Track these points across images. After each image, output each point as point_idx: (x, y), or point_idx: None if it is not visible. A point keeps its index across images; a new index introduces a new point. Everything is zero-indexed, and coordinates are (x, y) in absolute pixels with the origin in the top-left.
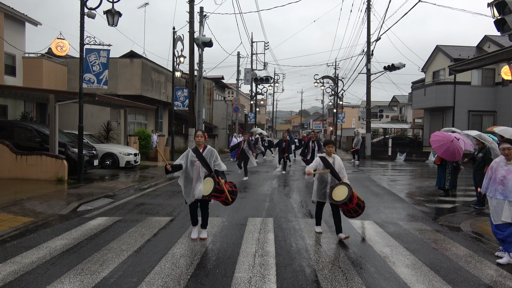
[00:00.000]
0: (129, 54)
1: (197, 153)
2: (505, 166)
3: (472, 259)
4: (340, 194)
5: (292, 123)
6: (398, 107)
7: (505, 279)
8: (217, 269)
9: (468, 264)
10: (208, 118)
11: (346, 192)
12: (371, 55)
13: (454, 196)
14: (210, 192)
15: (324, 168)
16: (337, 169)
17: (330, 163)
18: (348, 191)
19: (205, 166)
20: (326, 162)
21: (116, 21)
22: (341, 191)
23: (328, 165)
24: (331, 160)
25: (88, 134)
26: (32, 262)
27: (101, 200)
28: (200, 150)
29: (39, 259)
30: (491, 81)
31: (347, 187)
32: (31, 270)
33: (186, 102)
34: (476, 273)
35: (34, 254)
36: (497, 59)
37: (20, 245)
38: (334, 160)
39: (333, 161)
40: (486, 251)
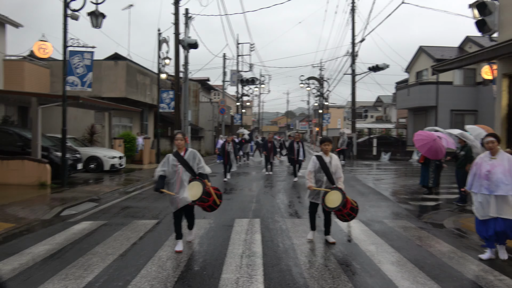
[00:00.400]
0: (113, 56)
1: (178, 157)
2: (490, 160)
3: (455, 255)
4: (333, 200)
5: (278, 124)
6: (383, 107)
7: (487, 274)
8: (204, 270)
9: (451, 260)
10: (194, 120)
11: (339, 198)
12: (355, 56)
13: (437, 193)
14: (199, 196)
15: (320, 169)
16: (334, 169)
17: (326, 163)
18: (341, 197)
19: (189, 170)
20: (322, 161)
21: (100, 23)
22: (335, 197)
23: (324, 165)
24: (328, 159)
25: (72, 138)
26: (14, 269)
27: (85, 204)
28: (182, 154)
29: (22, 265)
30: (472, 81)
31: (341, 193)
32: (13, 276)
33: (171, 104)
34: (459, 269)
35: (16, 260)
36: (478, 59)
37: (2, 252)
38: (331, 159)
39: (330, 160)
40: (469, 247)
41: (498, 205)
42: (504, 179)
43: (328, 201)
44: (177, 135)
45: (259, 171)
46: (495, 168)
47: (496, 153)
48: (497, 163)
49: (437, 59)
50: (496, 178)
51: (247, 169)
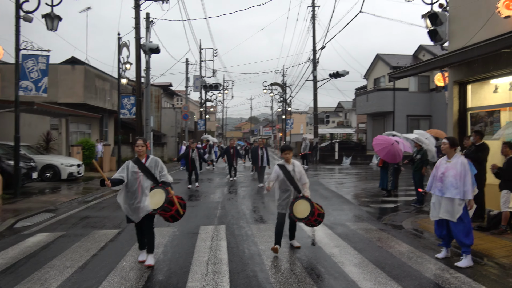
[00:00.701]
0: (70, 60)
1: (139, 164)
2: (445, 163)
3: (414, 254)
4: (302, 210)
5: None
6: (343, 112)
7: (443, 272)
8: (169, 280)
9: (410, 260)
10: (156, 126)
11: (308, 208)
12: (317, 62)
13: (396, 196)
14: (161, 204)
15: (284, 178)
16: (298, 176)
17: (289, 171)
18: (310, 207)
19: (150, 177)
20: (286, 171)
21: (56, 26)
22: (303, 207)
23: (288, 175)
24: (291, 167)
25: (26, 145)
26: None
27: (41, 215)
28: (143, 161)
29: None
30: (427, 87)
31: (309, 202)
32: None
33: (133, 110)
34: (417, 268)
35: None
36: (431, 67)
37: None
38: (294, 167)
39: (293, 168)
40: (426, 247)
41: (445, 207)
42: (454, 182)
43: (297, 212)
44: (138, 141)
45: (223, 177)
46: (448, 171)
47: (451, 156)
48: (450, 166)
49: (393, 67)
50: (448, 181)
51: (211, 175)
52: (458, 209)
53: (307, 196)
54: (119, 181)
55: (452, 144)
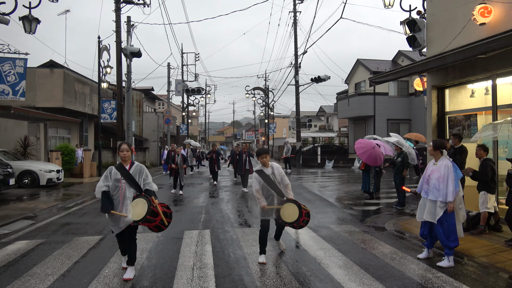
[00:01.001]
0: (48, 63)
1: (123, 170)
2: (432, 166)
3: (397, 255)
4: (290, 213)
5: (224, 134)
6: (325, 116)
7: (426, 272)
8: (154, 285)
9: (393, 261)
10: (138, 131)
11: (296, 210)
12: (299, 67)
13: (378, 198)
14: (144, 215)
15: (264, 183)
16: (278, 179)
17: (268, 176)
18: (298, 209)
19: (134, 185)
20: (264, 175)
21: (34, 28)
22: (290, 210)
23: (267, 179)
24: (269, 170)
25: (2, 151)
26: None
27: (19, 223)
28: (127, 167)
29: None
30: (406, 92)
31: (296, 205)
32: None
33: (114, 114)
34: (400, 268)
35: None
36: (410, 72)
37: None
38: (273, 169)
39: (272, 171)
40: (408, 248)
41: (428, 209)
42: (437, 184)
43: (285, 216)
44: (122, 146)
45: (206, 182)
46: (433, 173)
47: (438, 159)
48: (436, 169)
49: (373, 72)
50: (432, 183)
51: (194, 180)
52: (439, 211)
53: (291, 198)
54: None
55: (436, 147)
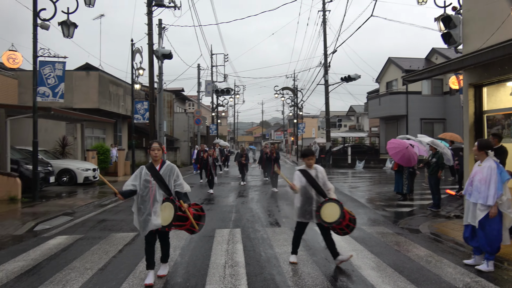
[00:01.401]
0: (84, 66)
1: (153, 170)
2: (477, 167)
3: (432, 258)
4: (330, 213)
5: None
6: (355, 116)
7: (463, 276)
8: (187, 282)
9: (429, 264)
10: (169, 131)
11: (337, 210)
12: (328, 66)
13: (412, 200)
14: (170, 221)
15: (307, 183)
16: (321, 182)
17: (312, 177)
18: (339, 209)
19: (163, 187)
20: (308, 175)
21: (71, 33)
22: (331, 210)
23: (311, 180)
24: (314, 172)
25: (43, 150)
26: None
27: (59, 218)
28: (157, 167)
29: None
30: (440, 90)
31: (337, 204)
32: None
33: (146, 115)
34: (436, 272)
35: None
36: (445, 70)
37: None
38: (317, 172)
39: (316, 173)
40: (445, 251)
41: (471, 211)
42: (479, 186)
43: (325, 216)
44: (153, 145)
45: (234, 181)
46: (477, 174)
47: (483, 159)
48: (479, 170)
49: (405, 70)
50: (475, 184)
51: (223, 179)
52: (479, 214)
53: (334, 198)
54: (131, 192)
55: (480, 147)
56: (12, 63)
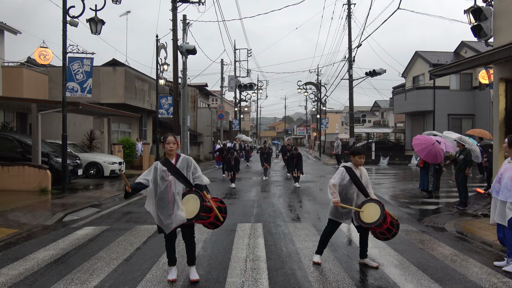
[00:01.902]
0: (111, 62)
1: (169, 165)
2: (507, 164)
3: (458, 257)
4: (370, 214)
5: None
6: (380, 112)
7: (490, 276)
8: (209, 274)
9: (454, 263)
10: (192, 126)
11: (378, 211)
12: (352, 61)
13: (437, 197)
14: (197, 212)
15: (349, 182)
16: (364, 183)
17: (357, 176)
18: (380, 210)
19: (182, 180)
20: (353, 173)
21: (99, 29)
22: (372, 211)
23: (354, 177)
24: (358, 172)
25: (71, 144)
26: (19, 274)
27: (87, 210)
28: (172, 161)
29: (27, 270)
30: (469, 85)
31: (378, 205)
32: (19, 281)
33: (170, 109)
34: (462, 271)
35: (21, 266)
36: (475, 64)
37: (6, 257)
38: (361, 172)
39: (360, 174)
40: (471, 250)
41: (499, 210)
42: (508, 184)
43: (364, 216)
44: (168, 138)
45: (256, 176)
46: (506, 172)
47: None
48: (509, 168)
49: (433, 64)
50: (503, 182)
51: (244, 174)
52: (509, 213)
53: (375, 198)
54: (141, 186)
55: (511, 143)
56: (43, 60)
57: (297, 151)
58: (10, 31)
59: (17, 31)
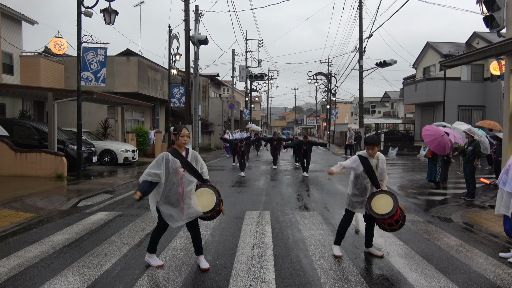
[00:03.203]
0: (125, 52)
1: (181, 157)
2: None
3: (463, 248)
4: (383, 205)
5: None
6: (390, 102)
7: (495, 267)
8: (217, 260)
9: (459, 253)
10: (204, 115)
11: (390, 203)
12: (363, 52)
13: (445, 188)
14: (213, 207)
15: (363, 172)
16: (379, 172)
17: (371, 166)
18: (393, 201)
19: (193, 173)
20: (367, 163)
21: (113, 20)
22: (385, 202)
23: (368, 167)
24: (374, 162)
25: (86, 132)
26: (35, 256)
27: (100, 196)
28: (182, 154)
29: (42, 253)
30: (480, 76)
31: (391, 197)
32: (34, 263)
33: (182, 99)
34: (467, 262)
35: (37, 248)
36: (486, 54)
37: (23, 240)
38: (378, 161)
39: (376, 163)
40: (477, 241)
41: (505, 201)
42: None
43: (376, 207)
44: (183, 131)
45: (265, 165)
46: None
47: None
48: None
49: (444, 55)
50: (511, 173)
51: (254, 163)
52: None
53: (387, 190)
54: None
55: None
56: (58, 49)
57: (307, 139)
58: (28, 21)
59: (34, 22)
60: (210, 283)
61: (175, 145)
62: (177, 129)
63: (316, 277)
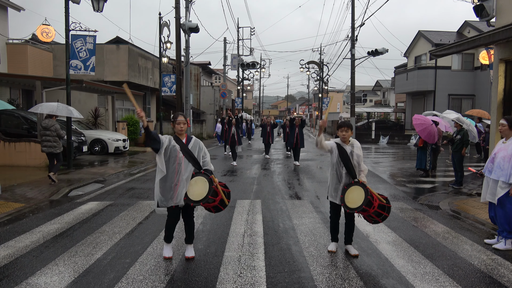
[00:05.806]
0: (115, 40)
1: (181, 144)
2: (501, 144)
3: (450, 235)
4: (354, 198)
5: (278, 108)
6: (381, 91)
7: (480, 253)
8: (208, 249)
9: (446, 240)
10: (195, 104)
11: (362, 195)
12: (355, 40)
13: (434, 176)
14: (205, 195)
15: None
16: (355, 160)
17: (347, 154)
18: (364, 194)
19: (192, 161)
20: (341, 149)
21: (101, 7)
22: (356, 195)
23: (344, 156)
24: (349, 148)
25: (76, 121)
26: (26, 246)
27: (91, 185)
28: (183, 141)
29: (33, 242)
30: (471, 65)
31: (363, 188)
32: (25, 253)
33: (173, 88)
34: (452, 248)
35: (28, 238)
36: (476, 44)
37: (13, 230)
38: (353, 148)
39: (351, 150)
40: (463, 228)
41: (491, 189)
42: (501, 163)
43: (349, 200)
44: (179, 118)
45: (257, 154)
46: (500, 151)
47: (508, 137)
48: (503, 147)
49: (436, 44)
50: (497, 162)
51: (246, 152)
52: (499, 191)
53: (363, 181)
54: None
55: (510, 124)
56: (46, 37)
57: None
58: (14, 7)
59: (21, 8)
60: (201, 271)
61: (175, 133)
62: (174, 116)
63: (306, 264)
